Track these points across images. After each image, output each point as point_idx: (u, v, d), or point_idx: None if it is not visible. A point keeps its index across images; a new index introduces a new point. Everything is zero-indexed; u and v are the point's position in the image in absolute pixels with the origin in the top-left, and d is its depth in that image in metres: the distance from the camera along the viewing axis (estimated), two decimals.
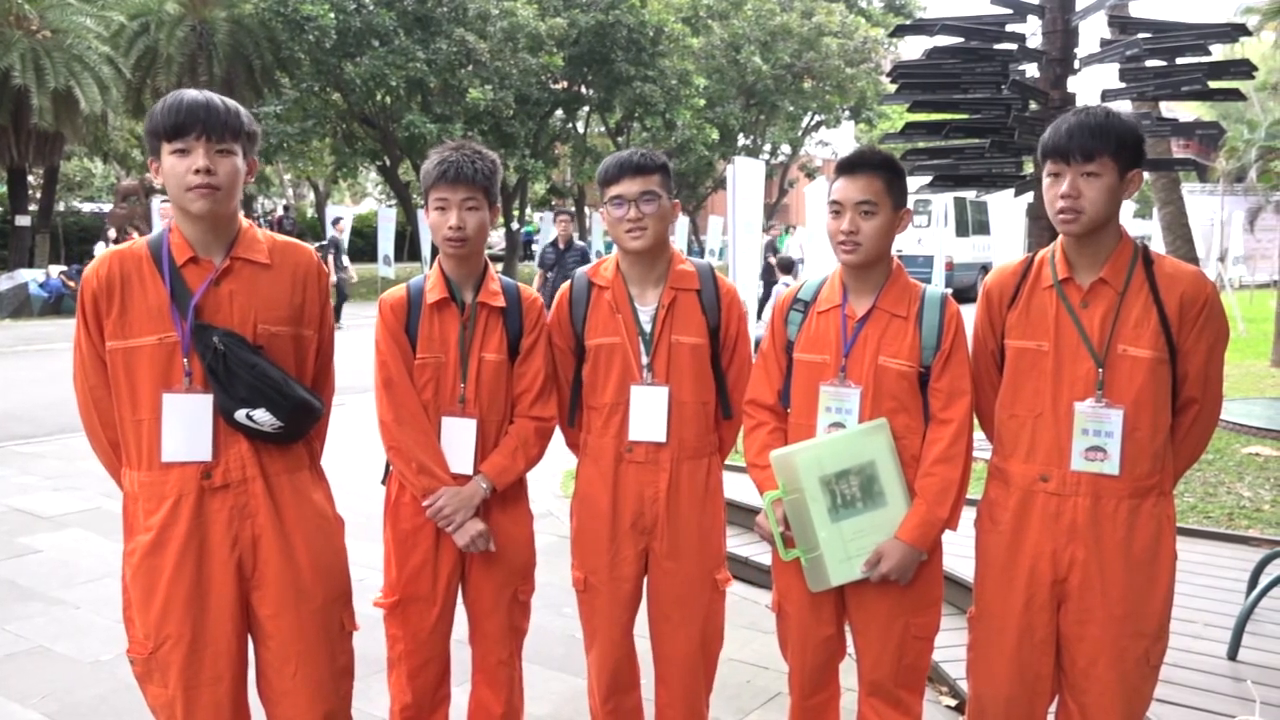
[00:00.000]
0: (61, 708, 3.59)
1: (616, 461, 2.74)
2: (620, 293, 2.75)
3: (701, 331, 2.73)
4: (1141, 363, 2.30)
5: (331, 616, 2.40)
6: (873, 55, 31.23)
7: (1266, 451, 6.76)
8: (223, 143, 2.18)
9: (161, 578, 2.24)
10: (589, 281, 2.80)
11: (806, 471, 2.48)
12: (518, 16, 23.40)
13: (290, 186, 40.87)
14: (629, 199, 2.64)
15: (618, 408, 2.72)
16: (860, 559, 2.49)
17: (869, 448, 2.47)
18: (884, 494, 2.48)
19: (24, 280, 18.77)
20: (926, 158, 6.13)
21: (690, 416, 2.72)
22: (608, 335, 2.73)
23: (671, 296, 2.73)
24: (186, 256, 2.25)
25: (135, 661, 2.32)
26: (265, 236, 2.37)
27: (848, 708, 2.79)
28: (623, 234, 2.67)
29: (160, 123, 2.17)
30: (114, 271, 2.25)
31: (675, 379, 2.71)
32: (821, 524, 2.49)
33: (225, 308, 2.26)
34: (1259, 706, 3.22)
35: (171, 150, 2.17)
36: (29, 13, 19.62)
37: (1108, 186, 2.27)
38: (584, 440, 2.83)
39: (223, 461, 2.27)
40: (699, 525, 2.74)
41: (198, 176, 2.16)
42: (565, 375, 2.82)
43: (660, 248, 2.73)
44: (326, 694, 2.38)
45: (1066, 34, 5.88)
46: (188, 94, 2.20)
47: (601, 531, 2.76)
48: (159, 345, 2.23)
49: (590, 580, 2.81)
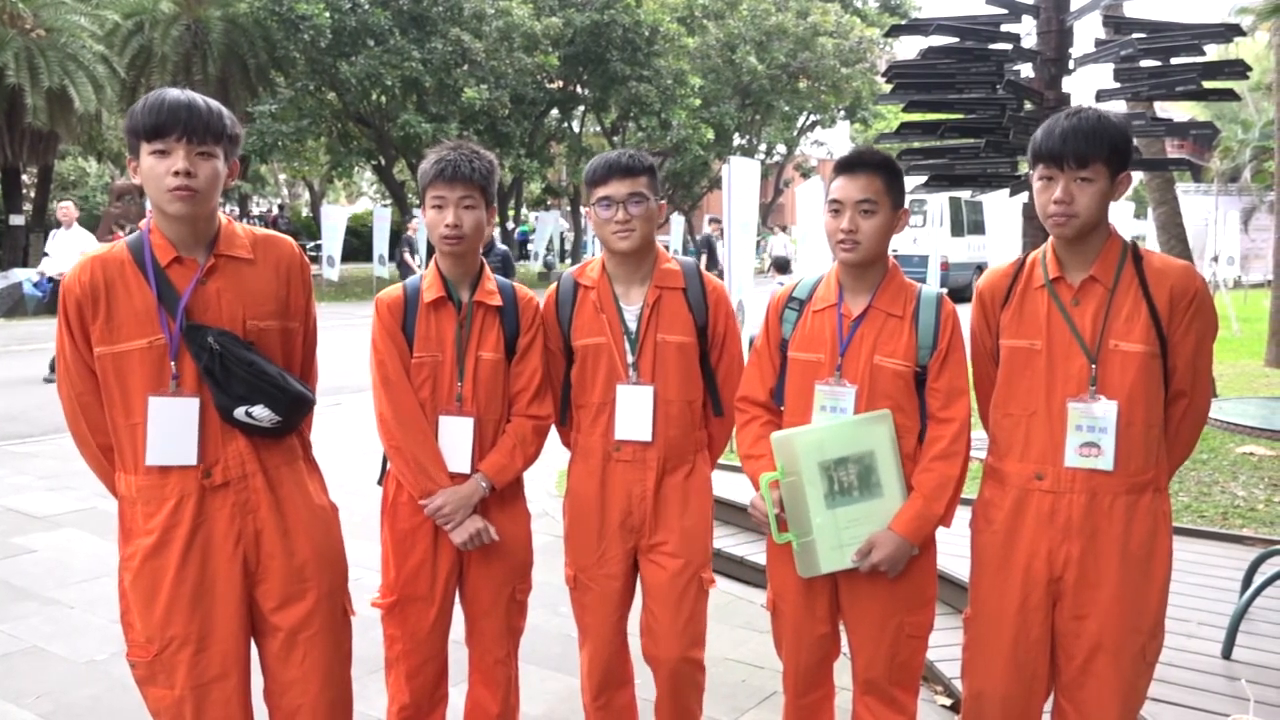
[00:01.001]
0: (56, 708, 3.58)
1: (605, 460, 2.75)
2: (605, 293, 2.76)
3: (688, 330, 2.74)
4: (1133, 357, 2.31)
5: (335, 603, 2.42)
6: (868, 55, 31.30)
7: (1260, 451, 6.78)
8: (204, 145, 2.14)
9: (165, 579, 2.24)
10: (575, 282, 2.81)
11: (806, 455, 2.48)
12: (513, 16, 23.41)
13: (285, 186, 40.82)
14: (617, 200, 2.65)
15: (605, 407, 2.73)
16: (852, 548, 2.49)
17: (870, 437, 2.48)
18: (881, 485, 2.48)
19: (18, 280, 18.71)
20: (922, 157, 6.14)
21: (676, 415, 2.73)
22: (593, 335, 2.74)
23: (656, 295, 2.73)
24: (170, 257, 2.22)
25: (137, 665, 2.30)
26: (245, 231, 2.34)
27: (842, 707, 2.79)
28: (610, 235, 2.68)
29: (140, 122, 2.13)
30: (97, 277, 2.21)
31: (661, 378, 2.72)
32: (817, 509, 2.49)
33: (214, 306, 2.24)
34: (1253, 705, 3.23)
35: (151, 151, 2.13)
36: (23, 11, 19.57)
37: (1100, 191, 2.28)
38: (574, 439, 2.84)
39: (222, 459, 2.27)
40: (685, 524, 2.74)
41: (177, 179, 2.12)
42: (556, 375, 2.83)
43: (646, 248, 2.74)
44: (335, 680, 2.41)
45: (1061, 34, 5.90)
46: (169, 93, 2.16)
47: (590, 529, 2.77)
48: (149, 348, 2.20)
49: (580, 578, 2.82)
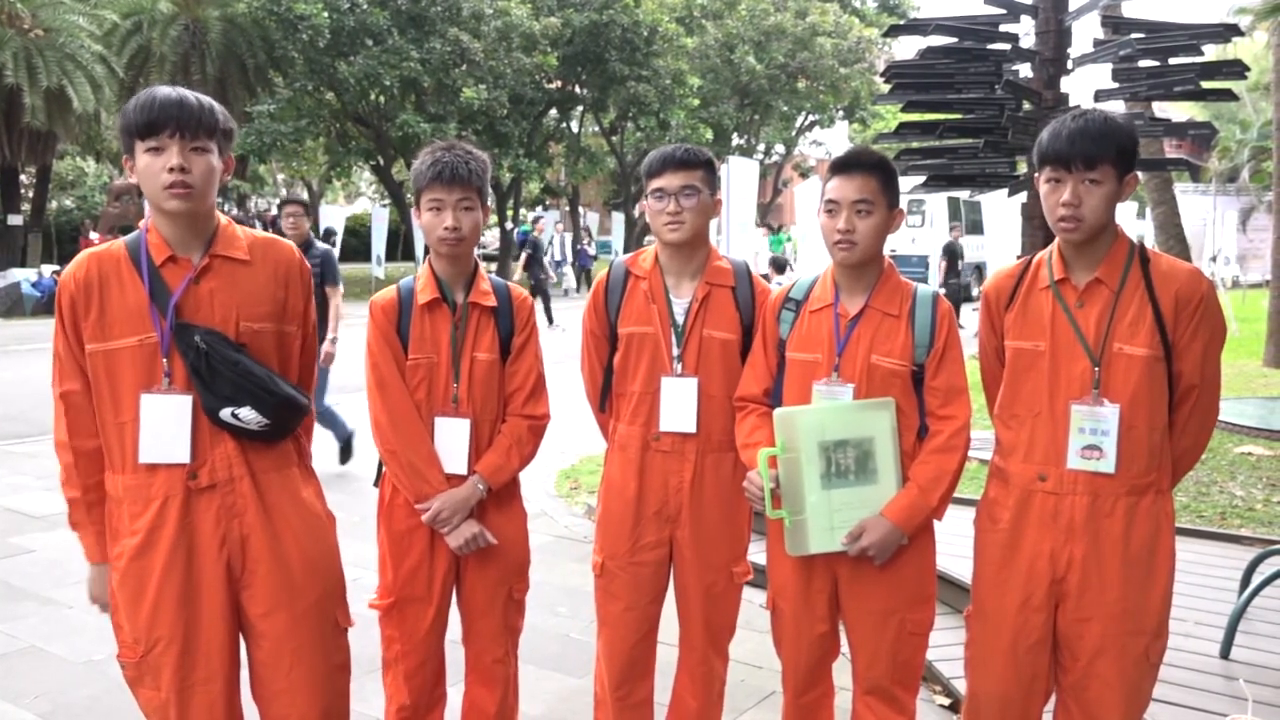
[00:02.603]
0: (54, 708, 3.58)
1: (643, 450, 2.76)
2: (656, 283, 2.77)
3: (734, 327, 2.75)
4: (1137, 361, 2.30)
5: (324, 613, 2.39)
6: (867, 55, 31.32)
7: (1259, 451, 6.78)
8: (197, 140, 2.15)
9: (150, 580, 2.23)
10: (626, 270, 2.83)
11: (807, 433, 2.49)
12: (512, 16, 23.40)
13: (284, 186, 40.80)
14: (669, 192, 2.67)
15: (646, 397, 2.75)
16: (843, 530, 2.49)
17: (871, 423, 2.49)
18: (877, 471, 2.49)
19: (16, 279, 18.74)
20: (920, 157, 6.15)
21: (719, 410, 2.74)
22: (641, 324, 2.76)
23: (706, 291, 2.75)
24: (165, 256, 2.22)
25: (126, 666, 2.30)
26: (244, 233, 2.34)
27: (842, 707, 2.79)
28: (661, 226, 2.70)
29: (133, 120, 2.14)
30: (92, 273, 2.21)
31: (705, 372, 2.73)
32: (812, 488, 2.50)
33: (206, 306, 2.23)
34: (1251, 705, 3.23)
35: (146, 149, 2.14)
36: (21, 11, 19.57)
37: (1108, 193, 2.28)
38: (613, 427, 2.85)
39: (209, 462, 2.25)
40: (721, 517, 2.76)
41: (172, 175, 2.12)
42: (599, 361, 2.86)
43: (698, 242, 2.76)
44: (323, 690, 2.38)
45: (1060, 34, 5.90)
46: (160, 91, 2.17)
47: (626, 516, 2.78)
48: (140, 346, 2.20)
49: (608, 564, 2.82)
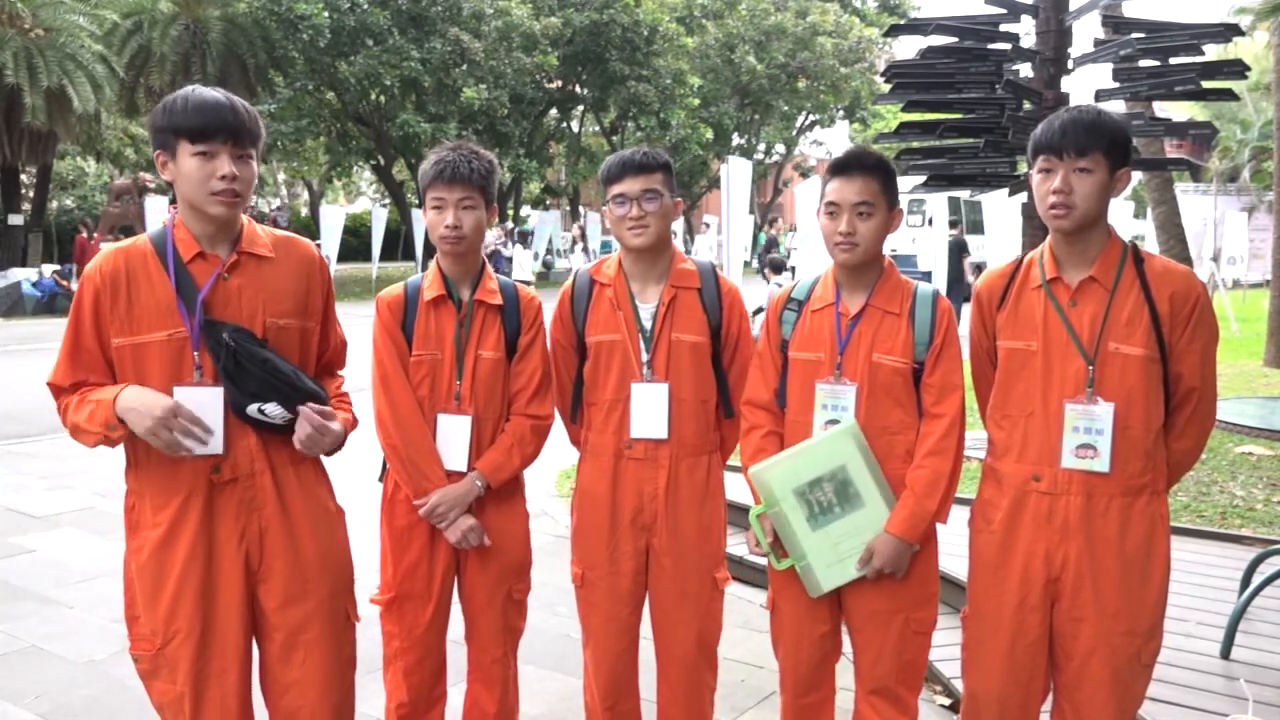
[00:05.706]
0: (54, 708, 3.58)
1: (616, 458, 2.74)
2: (621, 290, 2.75)
3: (702, 330, 2.74)
4: (1134, 361, 2.30)
5: (338, 607, 2.42)
6: (867, 55, 31.33)
7: (1259, 451, 6.78)
8: (243, 148, 2.20)
9: (171, 573, 2.25)
10: (591, 279, 2.81)
11: (781, 486, 2.52)
12: (512, 16, 23.42)
13: (285, 186, 40.80)
14: (631, 197, 2.66)
15: (617, 404, 2.73)
16: (852, 559, 2.51)
17: (838, 453, 2.49)
18: (860, 495, 2.50)
19: (17, 279, 18.74)
20: (921, 157, 6.14)
21: (690, 414, 2.72)
22: (608, 332, 2.74)
23: (672, 294, 2.73)
24: (194, 252, 2.25)
25: (140, 659, 2.31)
26: (265, 231, 2.38)
27: (842, 707, 2.79)
28: (625, 231, 2.69)
29: (183, 123, 2.16)
30: (119, 267, 2.24)
31: (675, 376, 2.72)
32: (804, 534, 2.53)
33: (234, 302, 2.27)
34: (1251, 705, 3.23)
35: (194, 152, 2.16)
36: (22, 11, 19.56)
37: (1099, 183, 2.28)
38: (585, 436, 2.83)
39: (231, 456, 2.27)
40: (698, 523, 2.74)
41: (223, 183, 2.17)
42: (568, 372, 2.83)
43: (662, 245, 2.74)
44: (335, 683, 2.41)
45: (1060, 34, 5.90)
46: (209, 95, 2.20)
47: (601, 526, 2.77)
48: (169, 341, 2.22)
49: (588, 576, 2.81)
